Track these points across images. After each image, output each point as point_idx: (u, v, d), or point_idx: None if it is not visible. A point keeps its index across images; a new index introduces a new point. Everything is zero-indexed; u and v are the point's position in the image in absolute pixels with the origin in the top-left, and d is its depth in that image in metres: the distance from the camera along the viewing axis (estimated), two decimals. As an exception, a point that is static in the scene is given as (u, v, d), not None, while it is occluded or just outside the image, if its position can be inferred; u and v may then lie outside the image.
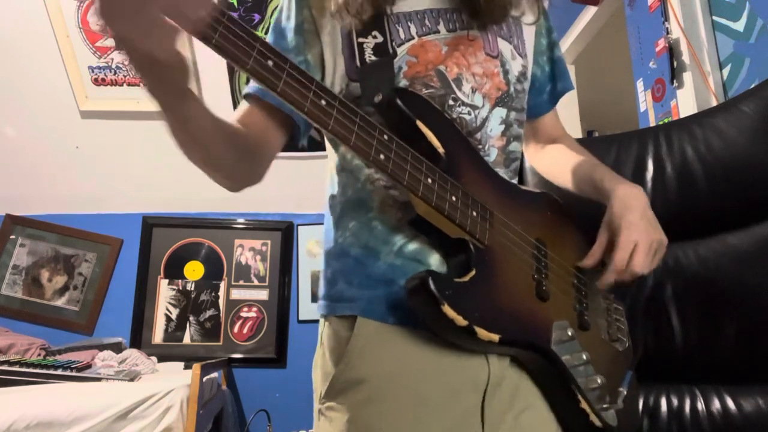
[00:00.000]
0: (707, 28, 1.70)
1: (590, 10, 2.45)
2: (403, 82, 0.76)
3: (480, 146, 0.78)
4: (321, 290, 0.80)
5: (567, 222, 0.88)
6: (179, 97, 0.58)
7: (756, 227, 1.09)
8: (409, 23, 0.77)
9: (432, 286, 0.61)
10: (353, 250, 0.75)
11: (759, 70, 1.49)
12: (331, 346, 0.74)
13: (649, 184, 1.21)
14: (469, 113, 0.77)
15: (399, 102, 0.68)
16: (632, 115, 2.04)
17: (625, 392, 0.76)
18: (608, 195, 0.81)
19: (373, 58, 0.75)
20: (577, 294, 0.80)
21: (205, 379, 2.14)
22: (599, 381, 0.73)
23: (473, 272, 0.66)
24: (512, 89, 0.83)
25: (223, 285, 3.01)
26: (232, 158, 0.71)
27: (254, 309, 2.99)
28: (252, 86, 0.78)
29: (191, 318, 2.95)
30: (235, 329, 2.95)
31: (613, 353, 0.83)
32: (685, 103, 1.73)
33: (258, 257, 3.07)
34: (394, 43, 0.76)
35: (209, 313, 2.97)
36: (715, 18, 1.70)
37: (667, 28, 1.81)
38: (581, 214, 0.88)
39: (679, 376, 1.13)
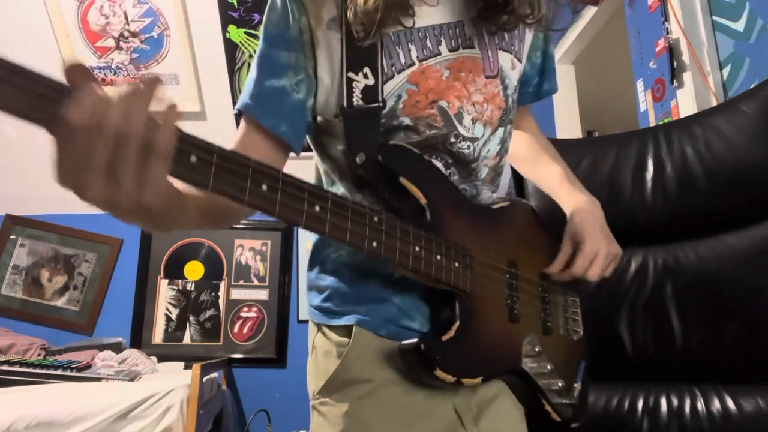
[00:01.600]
0: (707, 28, 1.70)
1: (590, 10, 2.45)
2: (405, 120, 0.74)
3: (474, 174, 0.80)
4: (312, 298, 0.81)
5: (536, 227, 0.91)
6: (172, 221, 0.53)
7: (756, 227, 1.09)
8: (409, 44, 0.74)
9: (425, 353, 0.67)
10: (347, 269, 0.77)
11: (759, 70, 1.49)
12: (325, 350, 0.76)
13: (649, 184, 1.21)
14: (468, 147, 0.78)
15: (381, 161, 0.70)
16: (632, 115, 2.04)
17: (579, 387, 0.85)
18: (567, 206, 0.90)
19: (360, 102, 0.72)
20: (541, 303, 0.86)
21: (205, 379, 2.14)
22: (560, 384, 0.81)
23: (458, 324, 0.71)
24: (509, 103, 0.82)
25: (223, 285, 3.01)
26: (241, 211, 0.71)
27: (254, 309, 2.99)
28: (243, 102, 0.74)
29: (191, 318, 2.95)
30: (235, 329, 2.95)
31: (569, 346, 0.89)
32: (685, 103, 1.73)
33: (258, 257, 3.06)
34: (384, 84, 0.73)
35: (209, 313, 2.97)
36: (715, 18, 1.70)
37: (667, 28, 1.81)
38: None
39: (679, 376, 1.13)
